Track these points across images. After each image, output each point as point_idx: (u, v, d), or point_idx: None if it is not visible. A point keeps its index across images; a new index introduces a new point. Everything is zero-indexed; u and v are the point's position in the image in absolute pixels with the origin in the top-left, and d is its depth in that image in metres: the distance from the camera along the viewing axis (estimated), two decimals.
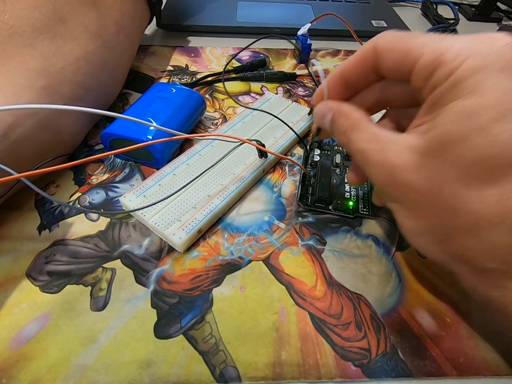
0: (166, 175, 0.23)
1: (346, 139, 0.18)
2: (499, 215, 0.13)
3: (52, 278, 0.19)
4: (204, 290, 0.19)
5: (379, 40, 0.16)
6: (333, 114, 0.19)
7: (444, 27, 0.42)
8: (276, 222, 0.22)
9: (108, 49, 0.26)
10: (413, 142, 0.15)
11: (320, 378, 0.16)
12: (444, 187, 0.14)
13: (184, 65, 0.36)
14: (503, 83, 0.12)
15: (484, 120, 0.12)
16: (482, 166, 0.13)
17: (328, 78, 0.19)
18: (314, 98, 0.20)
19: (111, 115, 0.18)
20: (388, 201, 0.17)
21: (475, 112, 0.13)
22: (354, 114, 0.18)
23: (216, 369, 0.16)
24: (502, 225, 0.13)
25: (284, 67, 0.37)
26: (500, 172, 0.13)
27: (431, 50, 0.14)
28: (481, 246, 0.13)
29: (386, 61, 0.16)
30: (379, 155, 0.16)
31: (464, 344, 0.17)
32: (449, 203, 0.14)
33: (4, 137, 0.19)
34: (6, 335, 0.17)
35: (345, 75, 0.18)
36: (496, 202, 0.13)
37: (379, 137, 0.16)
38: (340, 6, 0.47)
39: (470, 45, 0.13)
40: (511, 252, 0.13)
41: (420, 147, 0.14)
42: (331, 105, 0.19)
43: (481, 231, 0.13)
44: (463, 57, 0.13)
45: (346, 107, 0.18)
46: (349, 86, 0.19)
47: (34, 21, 0.21)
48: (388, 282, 0.20)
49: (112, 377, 0.16)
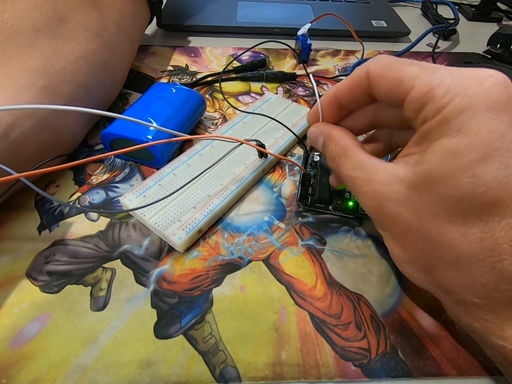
0: (166, 175, 0.23)
1: (335, 164, 0.18)
2: (481, 252, 0.13)
3: (52, 278, 0.19)
4: (204, 290, 0.19)
5: (370, 66, 0.17)
6: (323, 138, 0.19)
7: (444, 27, 0.42)
8: (276, 222, 0.22)
9: (108, 49, 0.26)
10: (401, 174, 0.15)
11: (320, 378, 0.16)
12: (430, 221, 0.14)
13: (184, 65, 0.36)
14: (487, 124, 0.13)
15: (468, 160, 0.13)
16: (466, 204, 0.13)
17: (322, 99, 0.20)
18: (309, 117, 0.21)
19: (111, 115, 0.18)
20: (377, 228, 0.18)
21: (460, 152, 0.13)
22: (342, 141, 0.18)
23: (216, 369, 0.16)
24: (483, 262, 0.13)
25: (284, 67, 0.37)
26: (483, 211, 0.13)
27: (422, 82, 0.14)
28: (463, 280, 0.14)
29: (379, 88, 0.16)
30: (367, 184, 0.16)
31: (464, 344, 0.17)
32: (434, 237, 0.14)
33: (3, 137, 0.19)
34: (6, 335, 0.17)
35: (339, 97, 0.19)
36: (479, 240, 0.13)
37: (366, 166, 0.17)
38: (340, 6, 0.47)
39: (459, 82, 0.14)
40: (492, 288, 0.13)
41: (409, 181, 0.15)
42: (322, 129, 0.20)
43: (463, 266, 0.14)
44: (452, 95, 0.13)
45: (336, 132, 0.19)
46: (343, 107, 0.19)
47: (34, 21, 0.21)
48: (388, 282, 0.20)
49: (112, 377, 0.16)
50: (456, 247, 0.14)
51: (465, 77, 0.14)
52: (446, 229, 0.14)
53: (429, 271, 0.15)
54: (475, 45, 0.43)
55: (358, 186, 0.17)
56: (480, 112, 0.13)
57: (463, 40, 0.44)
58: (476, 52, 0.41)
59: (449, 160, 0.13)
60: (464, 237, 0.14)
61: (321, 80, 0.35)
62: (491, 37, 0.40)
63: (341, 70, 0.37)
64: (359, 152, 0.17)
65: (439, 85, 0.14)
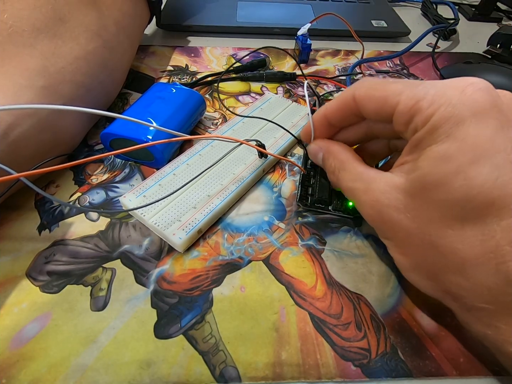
0: (166, 175, 0.23)
1: (335, 177, 0.19)
2: (484, 255, 0.13)
3: (52, 278, 0.19)
4: (204, 290, 0.19)
5: (356, 90, 0.17)
6: (323, 153, 0.20)
7: (444, 27, 0.42)
8: (276, 222, 0.22)
9: (108, 49, 0.26)
10: (397, 182, 0.16)
11: (320, 378, 0.16)
12: (429, 227, 0.14)
13: (184, 65, 0.36)
14: (474, 128, 0.13)
15: (459, 164, 0.13)
16: (463, 207, 0.13)
17: (314, 117, 0.20)
18: (302, 134, 0.22)
19: (111, 115, 0.18)
20: (380, 237, 0.18)
21: (450, 156, 0.13)
22: (340, 155, 0.19)
23: (216, 369, 0.16)
24: (487, 265, 0.13)
25: (284, 67, 0.37)
26: (480, 213, 0.13)
27: (407, 97, 0.15)
28: (468, 285, 0.14)
29: (367, 109, 0.17)
30: (366, 194, 0.17)
31: (464, 344, 0.17)
32: (435, 242, 0.14)
33: (3, 137, 0.19)
34: (6, 335, 0.17)
35: (328, 118, 0.20)
36: (480, 242, 0.13)
37: (364, 176, 0.17)
38: (340, 6, 0.47)
39: (443, 93, 0.14)
40: (500, 293, 0.13)
41: (404, 188, 0.15)
42: (321, 145, 0.21)
43: (468, 270, 0.14)
44: (437, 105, 0.14)
45: (334, 148, 0.20)
46: (333, 126, 0.20)
47: (33, 21, 0.21)
48: (388, 282, 0.20)
49: (112, 377, 0.16)
50: (458, 251, 0.14)
51: (448, 88, 0.14)
52: (446, 233, 0.14)
53: (434, 277, 0.15)
54: (475, 45, 0.43)
55: (358, 197, 0.17)
56: (466, 118, 0.13)
57: (463, 40, 0.44)
58: (476, 52, 0.41)
59: (441, 165, 0.14)
60: (464, 240, 0.14)
61: (321, 80, 0.35)
62: (491, 37, 0.40)
63: (341, 70, 0.37)
64: (357, 165, 0.18)
65: (424, 97, 0.14)
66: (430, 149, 0.14)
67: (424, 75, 0.37)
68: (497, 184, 0.13)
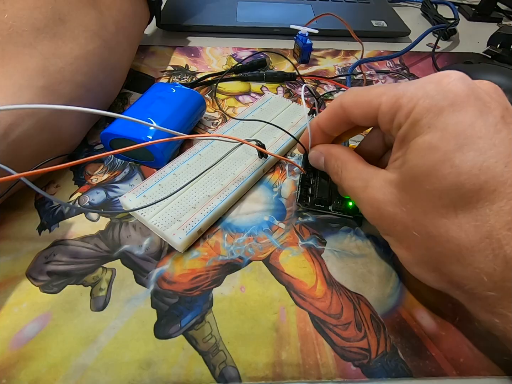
0: (166, 175, 0.23)
1: (338, 178, 0.20)
2: (480, 241, 0.13)
3: (52, 278, 0.19)
4: (204, 290, 0.19)
5: (343, 99, 0.18)
6: (324, 157, 0.21)
7: (444, 27, 0.42)
8: (276, 222, 0.22)
9: (108, 49, 0.26)
10: (390, 177, 0.16)
11: (320, 378, 0.16)
12: (424, 218, 0.15)
13: (184, 65, 0.36)
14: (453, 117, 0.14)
15: (444, 152, 0.14)
16: (453, 195, 0.14)
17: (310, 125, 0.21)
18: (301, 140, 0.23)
19: (111, 115, 0.18)
20: (382, 235, 0.18)
21: (435, 145, 0.14)
22: (342, 156, 0.20)
23: (216, 369, 0.16)
24: (484, 250, 0.13)
25: (284, 67, 0.37)
26: (471, 198, 0.13)
27: (388, 97, 0.16)
28: (469, 273, 0.14)
29: (354, 115, 0.18)
30: (364, 191, 0.17)
31: (464, 344, 0.17)
32: (432, 233, 0.15)
33: (3, 137, 0.19)
34: (6, 335, 0.17)
35: (321, 127, 0.21)
36: (474, 228, 0.13)
37: (363, 174, 0.18)
38: (340, 6, 0.47)
39: (420, 87, 0.15)
40: (500, 279, 0.13)
41: (397, 182, 0.16)
42: (321, 149, 0.21)
43: (466, 258, 0.14)
44: (416, 100, 0.15)
45: (335, 150, 0.20)
46: (327, 134, 0.21)
47: (33, 21, 0.21)
48: (388, 282, 0.20)
49: (112, 377, 0.16)
50: (454, 239, 0.14)
51: (425, 82, 0.15)
52: (441, 222, 0.14)
53: (437, 269, 0.15)
54: (475, 45, 0.43)
55: (358, 195, 0.18)
56: (444, 107, 0.14)
57: (463, 40, 0.44)
58: (476, 52, 0.41)
59: (427, 155, 0.14)
60: (459, 227, 0.14)
61: (321, 80, 0.35)
62: (491, 37, 0.40)
63: (341, 70, 0.37)
64: (357, 163, 0.19)
65: (404, 94, 0.15)
66: (415, 141, 0.15)
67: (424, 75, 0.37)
68: (483, 168, 0.13)
